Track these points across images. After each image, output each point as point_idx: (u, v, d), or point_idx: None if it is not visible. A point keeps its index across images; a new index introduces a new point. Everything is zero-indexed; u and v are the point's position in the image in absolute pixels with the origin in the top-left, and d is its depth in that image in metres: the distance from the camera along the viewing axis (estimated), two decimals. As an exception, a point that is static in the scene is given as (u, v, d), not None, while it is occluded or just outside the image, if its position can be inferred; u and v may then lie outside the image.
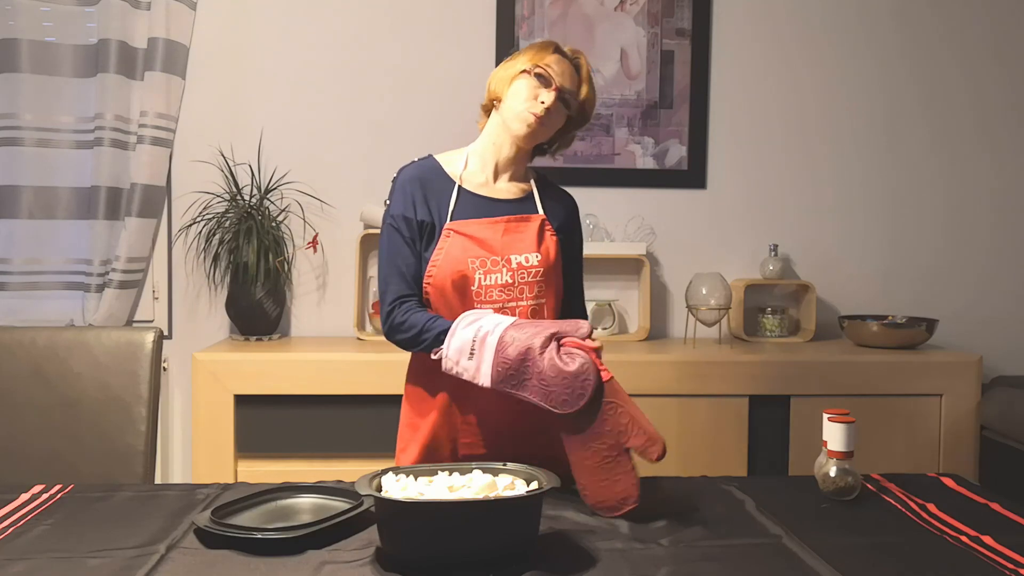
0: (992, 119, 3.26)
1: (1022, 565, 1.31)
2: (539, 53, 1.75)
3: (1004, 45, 3.25)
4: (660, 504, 1.59)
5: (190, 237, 3.04)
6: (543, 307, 1.75)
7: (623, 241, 3.15)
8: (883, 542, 1.42)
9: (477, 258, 1.70)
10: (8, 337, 2.10)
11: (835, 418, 1.63)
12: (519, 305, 1.72)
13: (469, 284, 1.69)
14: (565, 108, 1.76)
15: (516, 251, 1.72)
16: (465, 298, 1.70)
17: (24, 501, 1.61)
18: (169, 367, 3.09)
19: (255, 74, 3.10)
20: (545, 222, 1.79)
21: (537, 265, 1.73)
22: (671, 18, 3.15)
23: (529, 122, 1.72)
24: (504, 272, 1.70)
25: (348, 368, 2.71)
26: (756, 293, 3.21)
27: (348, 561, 1.32)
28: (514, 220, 1.76)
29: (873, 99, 3.24)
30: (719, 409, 2.74)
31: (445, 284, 1.69)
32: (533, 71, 1.73)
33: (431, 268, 1.70)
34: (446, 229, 1.72)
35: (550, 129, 1.77)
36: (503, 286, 1.70)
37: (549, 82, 1.72)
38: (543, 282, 1.74)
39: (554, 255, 1.77)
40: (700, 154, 3.19)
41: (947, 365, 2.82)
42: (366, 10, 3.10)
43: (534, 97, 1.72)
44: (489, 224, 1.74)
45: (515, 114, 1.73)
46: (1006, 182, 3.28)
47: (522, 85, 1.73)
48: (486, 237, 1.72)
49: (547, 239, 1.78)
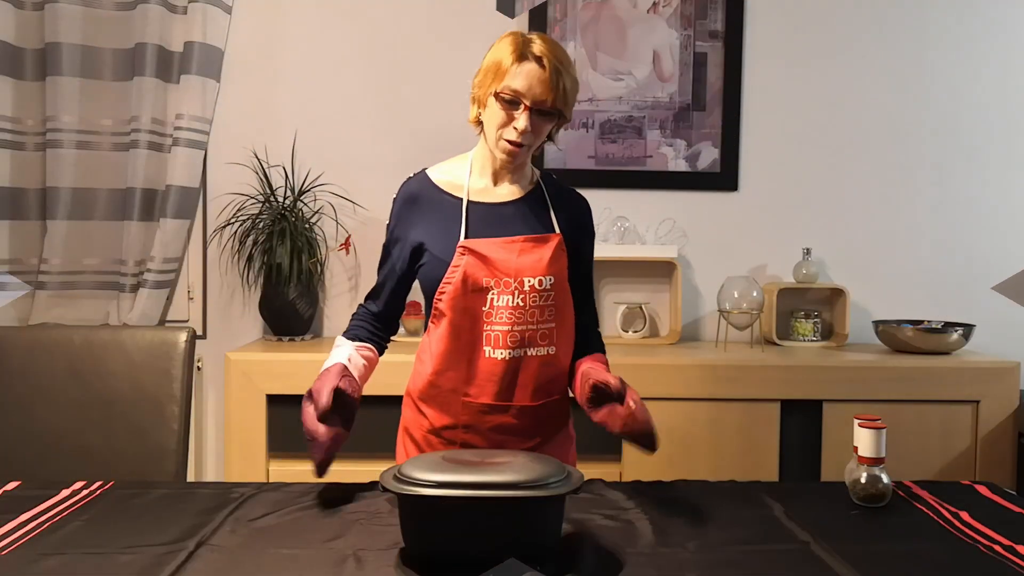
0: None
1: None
2: (503, 65, 1.64)
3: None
4: (688, 508, 1.59)
5: (224, 238, 3.08)
6: (553, 331, 1.72)
7: (655, 244, 3.14)
8: (913, 550, 1.40)
9: (491, 278, 1.67)
10: (46, 336, 2.14)
11: (865, 424, 1.61)
12: (528, 328, 1.69)
13: (481, 305, 1.67)
14: (546, 117, 1.67)
15: (529, 273, 1.68)
16: (476, 317, 1.68)
17: (64, 497, 1.64)
18: (203, 367, 3.13)
19: (289, 77, 3.13)
20: (561, 242, 1.74)
21: (549, 289, 1.70)
22: (704, 20, 3.13)
23: (507, 150, 1.67)
24: (516, 295, 1.67)
25: (379, 368, 2.71)
26: (789, 297, 3.18)
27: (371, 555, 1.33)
28: (530, 240, 1.71)
29: (907, 100, 3.19)
30: (750, 413, 2.72)
31: (457, 303, 1.67)
32: (499, 96, 1.64)
33: (444, 286, 1.68)
34: (460, 247, 1.68)
35: (537, 140, 1.70)
36: (513, 308, 1.67)
37: (518, 103, 1.64)
38: (554, 306, 1.71)
39: (568, 278, 1.75)
40: (732, 157, 3.17)
41: (984, 371, 2.77)
42: (398, 13, 3.12)
43: (506, 123, 1.65)
44: (504, 244, 1.69)
45: (493, 140, 1.68)
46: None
47: (494, 110, 1.65)
48: (500, 258, 1.68)
49: (562, 260, 1.74)
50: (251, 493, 1.66)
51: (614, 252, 3.02)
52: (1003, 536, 1.46)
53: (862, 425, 1.62)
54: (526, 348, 1.70)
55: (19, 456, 2.04)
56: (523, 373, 1.71)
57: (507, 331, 1.67)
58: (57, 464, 2.03)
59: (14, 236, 2.98)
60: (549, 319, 1.71)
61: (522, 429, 1.72)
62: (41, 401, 2.07)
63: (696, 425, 2.71)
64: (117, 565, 1.31)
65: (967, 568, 1.33)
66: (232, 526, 1.47)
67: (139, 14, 2.94)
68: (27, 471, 1.98)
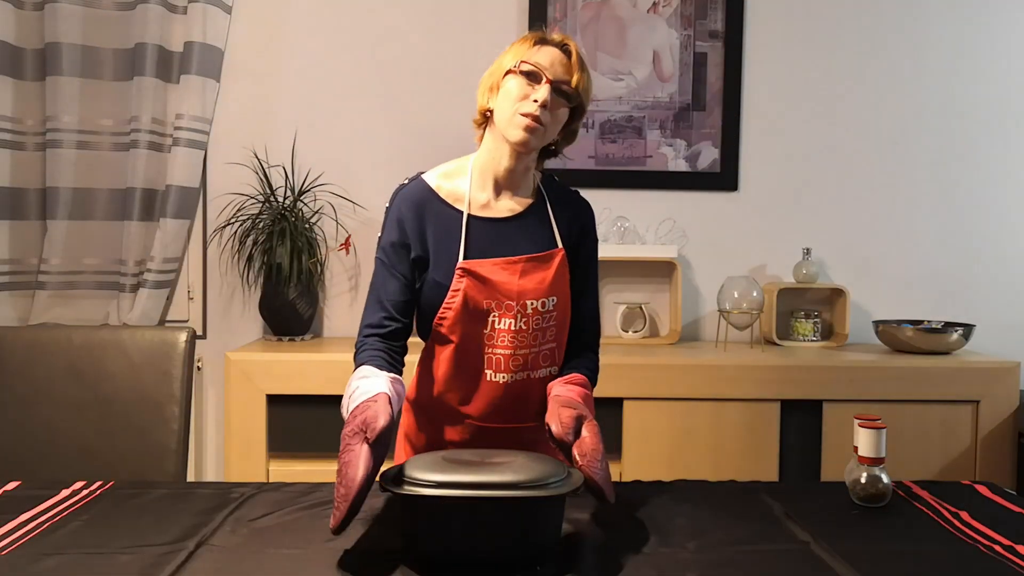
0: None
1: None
2: (522, 47, 1.59)
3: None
4: (688, 508, 1.59)
5: (224, 238, 3.08)
6: (554, 351, 1.68)
7: (655, 244, 3.13)
8: (913, 550, 1.40)
9: (493, 300, 1.60)
10: (46, 336, 2.14)
11: (865, 423, 1.61)
12: (530, 352, 1.64)
13: (483, 328, 1.62)
14: (564, 100, 1.59)
15: (532, 296, 1.61)
16: (479, 341, 1.63)
17: (64, 497, 1.64)
18: (203, 366, 3.13)
19: (289, 77, 3.13)
20: (564, 258, 1.66)
21: (552, 309, 1.64)
22: (704, 20, 3.13)
23: (524, 124, 1.55)
24: (518, 319, 1.61)
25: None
26: (789, 297, 3.18)
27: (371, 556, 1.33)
28: (532, 260, 1.63)
29: (906, 100, 3.19)
30: (750, 413, 2.72)
31: (459, 328, 1.62)
32: (519, 68, 1.57)
33: (444, 311, 1.61)
34: (459, 269, 1.59)
35: (552, 128, 1.60)
36: (515, 332, 1.62)
37: (539, 76, 1.56)
38: (555, 327, 1.66)
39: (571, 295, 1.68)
40: (733, 156, 3.17)
41: (984, 371, 2.77)
42: (398, 13, 3.12)
43: (525, 96, 1.56)
44: (506, 265, 1.61)
45: (507, 119, 1.57)
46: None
47: (511, 86, 1.57)
48: (502, 279, 1.60)
49: (565, 278, 1.67)
50: (251, 493, 1.66)
51: (614, 252, 3.02)
52: (1003, 536, 1.46)
53: (862, 425, 1.62)
54: (528, 371, 1.66)
55: (19, 456, 2.04)
56: (524, 395, 1.67)
57: (509, 355, 1.63)
58: (57, 464, 2.03)
59: (14, 236, 2.98)
60: (551, 339, 1.66)
61: (522, 445, 1.65)
62: (41, 401, 2.07)
63: (696, 425, 2.71)
64: (117, 565, 1.30)
65: (967, 568, 1.33)
66: (232, 526, 1.47)
67: (139, 14, 2.94)
68: (27, 471, 1.98)
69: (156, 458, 2.05)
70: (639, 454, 2.71)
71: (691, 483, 1.77)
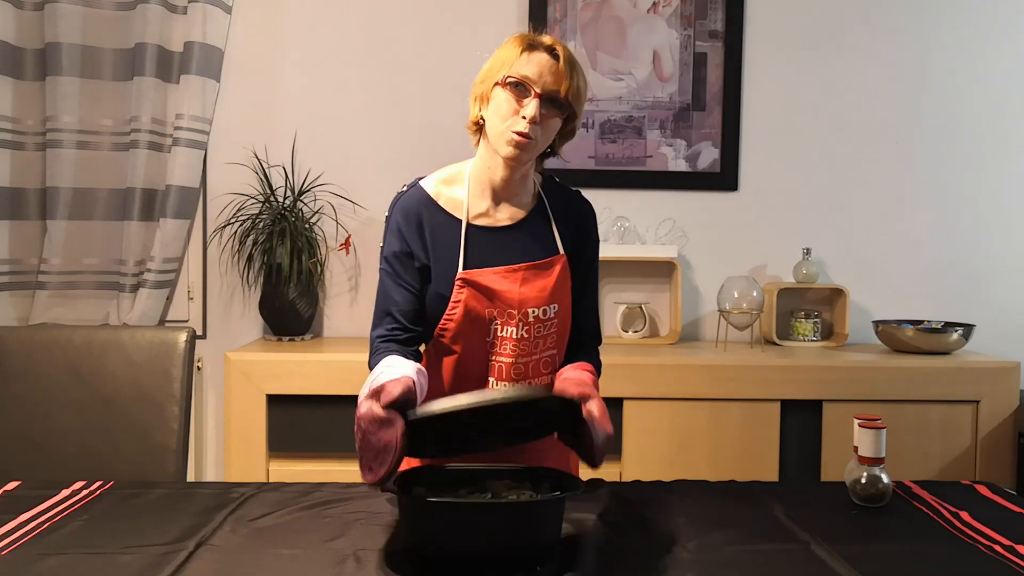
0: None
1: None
2: (511, 54, 1.55)
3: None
4: (688, 508, 1.59)
5: (224, 238, 3.08)
6: (554, 358, 1.68)
7: (655, 244, 3.14)
8: (913, 550, 1.40)
9: (494, 309, 1.60)
10: (46, 336, 2.14)
11: (865, 423, 1.61)
12: (531, 360, 1.64)
13: (485, 336, 1.61)
14: (556, 110, 1.56)
15: (534, 304, 1.61)
16: (483, 349, 1.63)
17: (64, 497, 1.64)
18: (203, 366, 3.13)
19: (289, 77, 3.13)
20: (566, 264, 1.65)
21: (553, 317, 1.63)
22: (704, 20, 3.13)
23: (515, 142, 1.53)
24: (520, 327, 1.60)
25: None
26: (789, 297, 3.18)
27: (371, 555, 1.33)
28: (533, 268, 1.62)
29: (907, 100, 3.19)
30: (750, 413, 2.72)
31: (461, 339, 1.61)
32: (506, 82, 1.53)
33: (446, 322, 1.61)
34: (459, 279, 1.58)
35: (544, 139, 1.58)
36: (517, 340, 1.61)
37: (527, 90, 1.53)
38: (556, 334, 1.65)
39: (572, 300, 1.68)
40: (732, 157, 3.16)
41: (984, 371, 2.77)
42: (398, 13, 3.12)
43: (514, 112, 1.53)
44: (506, 274, 1.60)
45: (497, 135, 1.55)
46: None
47: (500, 100, 1.54)
48: (503, 288, 1.59)
49: (567, 284, 1.66)
50: (251, 493, 1.66)
51: (614, 252, 3.02)
52: (1003, 536, 1.46)
53: (862, 425, 1.62)
54: (528, 379, 1.65)
55: (19, 456, 2.04)
56: None
57: (511, 363, 1.62)
58: (57, 464, 2.03)
59: (14, 236, 2.98)
60: (551, 346, 1.66)
61: (525, 451, 1.64)
62: (41, 401, 2.07)
63: (696, 425, 2.71)
64: (117, 565, 1.30)
65: (967, 568, 1.33)
66: (232, 526, 1.47)
67: (139, 14, 2.94)
68: (27, 471, 1.97)
69: (156, 458, 2.05)
70: (639, 454, 2.71)
71: (691, 483, 1.77)
